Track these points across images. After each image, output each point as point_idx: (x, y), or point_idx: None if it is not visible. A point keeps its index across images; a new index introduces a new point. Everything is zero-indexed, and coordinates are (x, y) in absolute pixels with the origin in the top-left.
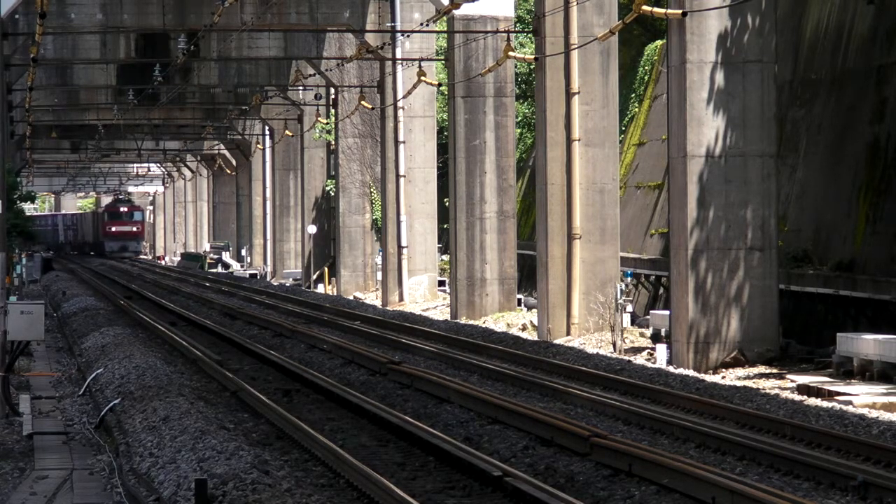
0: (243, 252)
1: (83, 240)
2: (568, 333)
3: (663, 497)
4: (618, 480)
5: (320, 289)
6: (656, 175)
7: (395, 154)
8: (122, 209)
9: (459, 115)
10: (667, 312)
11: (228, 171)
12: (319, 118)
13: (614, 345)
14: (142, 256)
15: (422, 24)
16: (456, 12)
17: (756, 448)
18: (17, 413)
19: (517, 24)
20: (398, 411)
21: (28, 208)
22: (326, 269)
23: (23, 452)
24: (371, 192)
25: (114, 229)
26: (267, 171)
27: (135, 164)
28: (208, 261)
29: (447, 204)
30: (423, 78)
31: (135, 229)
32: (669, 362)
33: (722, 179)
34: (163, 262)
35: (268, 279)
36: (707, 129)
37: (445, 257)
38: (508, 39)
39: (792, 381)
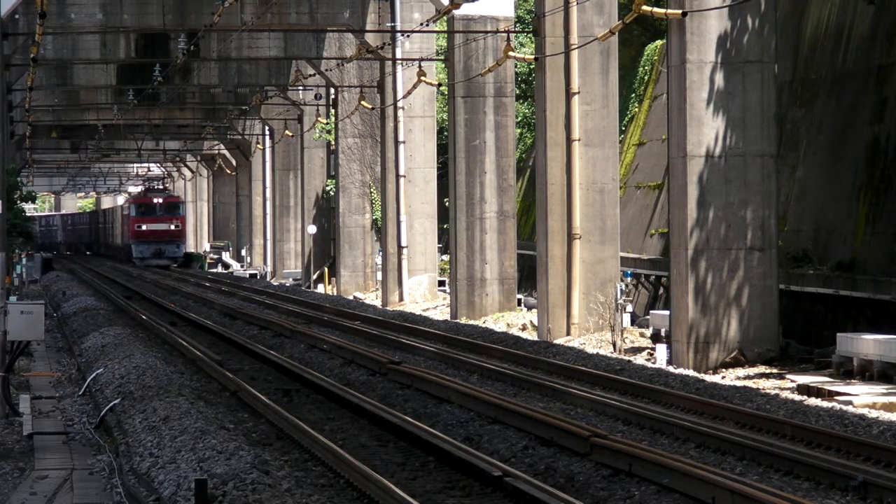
0: (243, 252)
1: (104, 242)
2: (568, 333)
3: (663, 497)
4: (618, 480)
5: (320, 289)
6: (656, 175)
7: (395, 154)
8: (155, 201)
9: (459, 115)
10: (667, 312)
11: (228, 171)
12: (319, 118)
13: (614, 345)
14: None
15: (422, 24)
16: (456, 12)
17: (756, 448)
18: (17, 413)
19: (517, 24)
20: (398, 411)
21: (28, 208)
22: (326, 269)
23: (23, 452)
24: (371, 192)
25: (144, 228)
26: (267, 171)
27: (135, 164)
28: (208, 261)
29: (447, 204)
30: (423, 78)
31: (173, 227)
32: (669, 362)
33: (722, 179)
34: None
35: (268, 279)
36: (707, 129)
37: (445, 257)
38: (508, 39)
39: (792, 381)
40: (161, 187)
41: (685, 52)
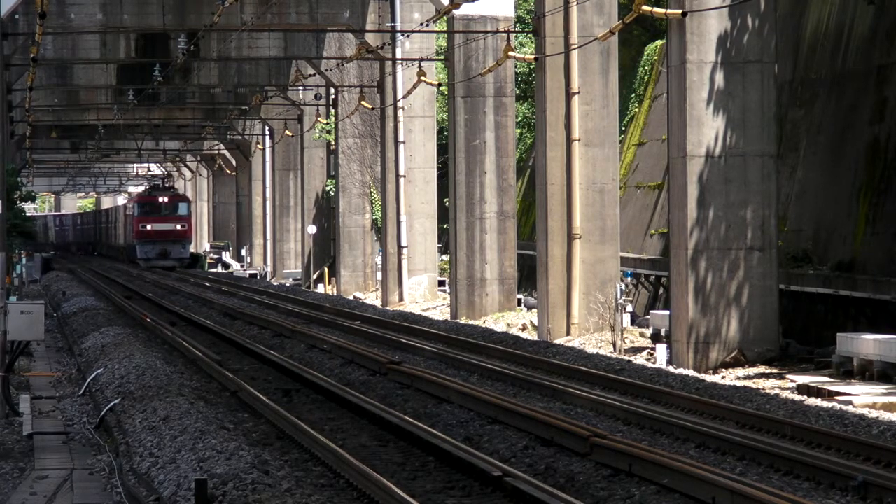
0: (243, 252)
1: (106, 242)
2: (568, 333)
3: (663, 497)
4: (618, 480)
5: (320, 289)
6: (656, 175)
7: (395, 154)
8: (160, 199)
9: (459, 115)
10: (667, 312)
11: (228, 171)
12: (319, 118)
13: (614, 345)
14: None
15: (422, 24)
16: (456, 12)
17: (756, 448)
18: (17, 413)
19: (517, 24)
20: (398, 411)
21: (28, 208)
22: (326, 269)
23: (23, 452)
24: (371, 192)
25: (149, 228)
26: (267, 171)
27: (135, 164)
28: (208, 261)
29: (447, 204)
30: (423, 78)
31: (179, 227)
32: (669, 362)
33: (722, 179)
34: None
35: (268, 279)
36: (707, 129)
37: (445, 257)
38: (508, 39)
39: (792, 381)
40: (166, 185)
41: (685, 52)
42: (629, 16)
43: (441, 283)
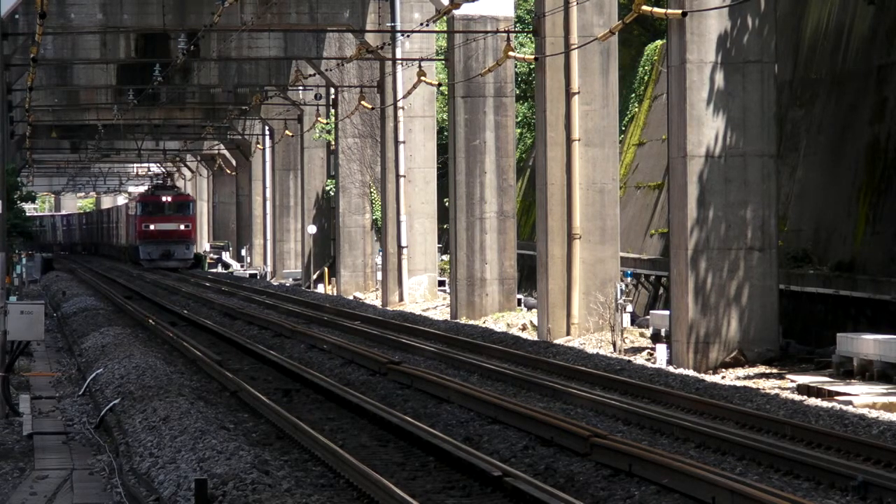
0: (243, 252)
1: (109, 242)
2: (568, 333)
3: (663, 497)
4: (618, 480)
5: (320, 289)
6: (656, 175)
7: (395, 154)
8: (164, 199)
9: (459, 115)
10: (667, 312)
11: (228, 171)
12: (319, 118)
13: (614, 345)
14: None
15: (422, 24)
16: (456, 12)
17: (756, 448)
18: (17, 413)
19: (517, 24)
20: (398, 411)
21: (28, 208)
22: (326, 269)
23: (23, 452)
24: (371, 192)
25: (152, 228)
26: (267, 171)
27: (135, 164)
28: (208, 261)
29: (447, 204)
30: (423, 78)
31: (182, 227)
32: (669, 362)
33: (722, 179)
34: None
35: (268, 279)
36: (707, 129)
37: (445, 257)
38: (508, 39)
39: (792, 381)
40: (170, 184)
41: (685, 52)
42: (629, 16)
43: (441, 283)
